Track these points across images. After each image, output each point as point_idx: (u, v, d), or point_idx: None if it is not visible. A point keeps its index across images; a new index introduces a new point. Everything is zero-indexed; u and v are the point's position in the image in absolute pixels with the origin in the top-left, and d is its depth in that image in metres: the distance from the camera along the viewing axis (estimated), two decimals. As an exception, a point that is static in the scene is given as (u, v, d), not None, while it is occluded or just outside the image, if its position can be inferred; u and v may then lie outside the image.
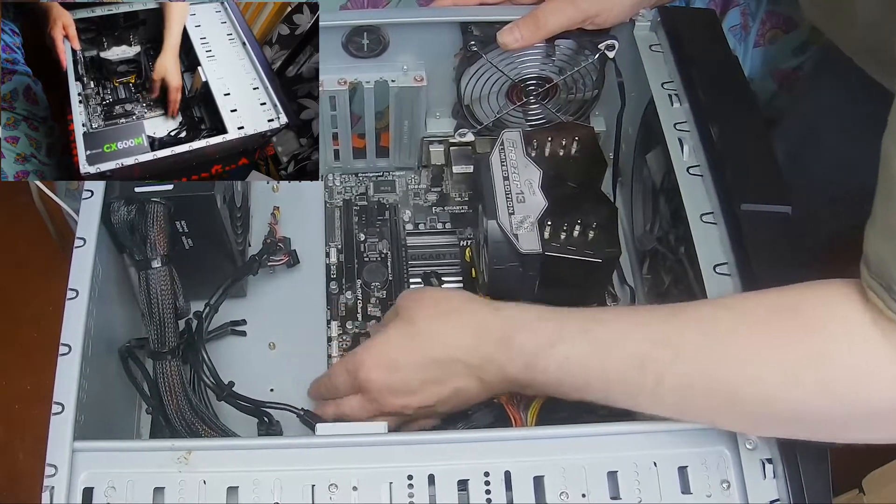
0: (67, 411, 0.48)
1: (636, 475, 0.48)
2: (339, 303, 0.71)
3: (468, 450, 0.48)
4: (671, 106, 0.63)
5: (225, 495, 0.47)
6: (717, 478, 0.48)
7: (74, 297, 0.52)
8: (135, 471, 0.47)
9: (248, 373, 0.65)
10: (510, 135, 0.66)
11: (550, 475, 0.48)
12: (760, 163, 0.59)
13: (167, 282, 0.58)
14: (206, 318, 0.62)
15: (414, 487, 0.47)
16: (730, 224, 0.55)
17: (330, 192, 0.78)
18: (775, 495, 0.47)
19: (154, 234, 0.58)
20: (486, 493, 0.47)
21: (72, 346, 0.50)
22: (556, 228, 0.60)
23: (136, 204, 0.58)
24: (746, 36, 1.27)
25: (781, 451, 0.48)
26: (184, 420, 0.57)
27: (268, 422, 0.59)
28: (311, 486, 0.47)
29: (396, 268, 0.72)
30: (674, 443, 0.49)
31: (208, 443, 0.53)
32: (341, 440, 0.49)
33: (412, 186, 0.79)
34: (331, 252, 0.74)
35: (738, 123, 0.61)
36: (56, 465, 0.47)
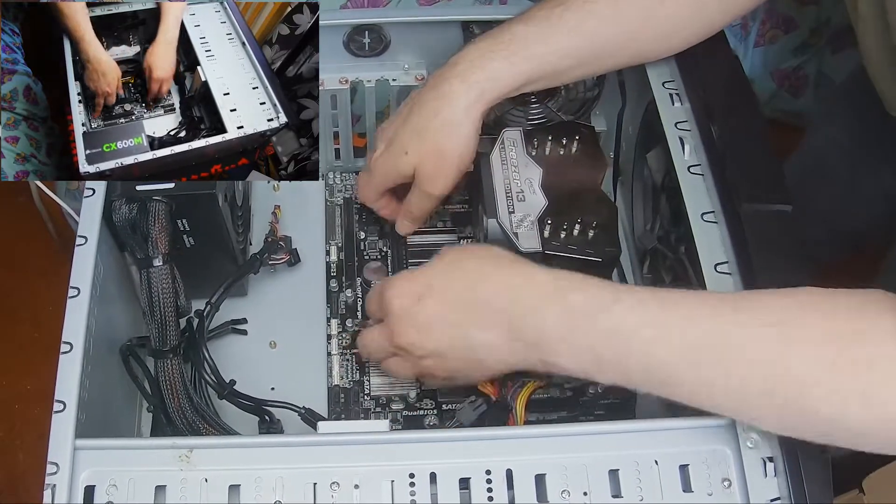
0: (69, 409, 0.48)
1: (637, 474, 0.48)
2: (339, 301, 0.71)
3: (470, 448, 0.48)
4: (672, 105, 0.63)
5: (226, 494, 0.47)
6: (718, 476, 0.48)
7: (76, 295, 0.52)
8: (136, 469, 0.47)
9: (250, 371, 0.66)
10: (511, 133, 0.66)
11: (552, 474, 0.48)
12: (761, 162, 0.59)
13: (168, 280, 0.58)
14: (207, 316, 0.62)
15: (416, 486, 0.47)
16: (731, 223, 0.55)
17: (331, 190, 0.78)
18: (776, 494, 0.47)
19: (155, 233, 0.58)
20: (487, 492, 0.47)
21: (73, 345, 0.50)
22: (556, 227, 0.60)
23: (137, 202, 0.58)
24: (746, 36, 1.27)
25: (783, 450, 0.48)
26: (185, 418, 0.57)
27: (269, 420, 0.59)
28: (312, 485, 0.47)
29: (396, 266, 0.72)
30: (675, 441, 0.49)
31: (210, 441, 0.53)
32: (343, 438, 0.49)
33: (412, 185, 0.79)
34: (331, 250, 0.74)
35: (738, 122, 0.61)
36: (57, 464, 0.47)
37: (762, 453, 0.48)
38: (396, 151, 0.61)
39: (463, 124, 0.59)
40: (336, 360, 0.68)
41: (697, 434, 0.49)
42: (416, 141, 0.59)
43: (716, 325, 0.46)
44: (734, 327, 0.46)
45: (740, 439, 0.48)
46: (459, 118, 0.58)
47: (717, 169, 0.58)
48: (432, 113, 0.59)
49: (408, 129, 0.60)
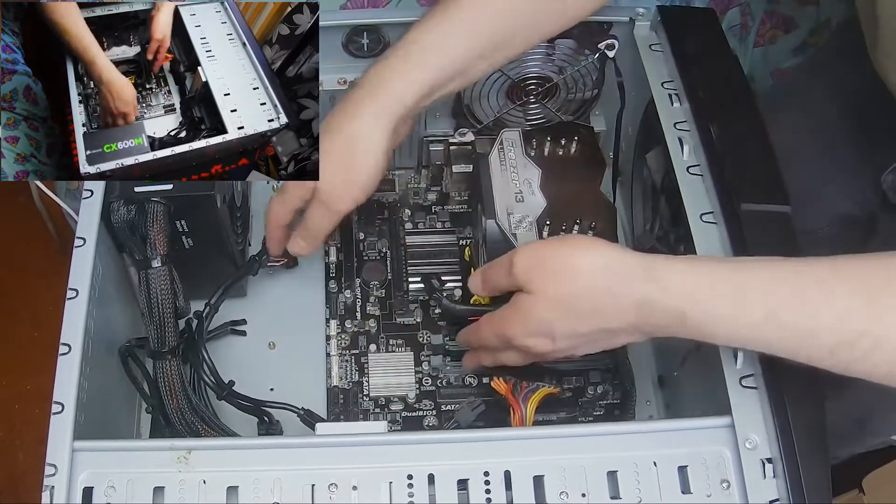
0: (67, 411, 0.48)
1: (636, 475, 0.48)
2: (338, 302, 0.71)
3: (468, 449, 0.48)
4: (671, 105, 0.63)
5: (225, 495, 0.47)
6: (716, 477, 0.48)
7: (74, 296, 0.53)
8: (135, 470, 0.47)
9: (249, 372, 0.66)
10: (510, 134, 0.66)
11: (550, 475, 0.48)
12: (760, 162, 0.59)
13: (167, 281, 0.58)
14: (206, 317, 0.62)
15: (414, 487, 0.47)
16: (730, 224, 0.55)
17: (330, 191, 0.78)
18: (775, 495, 0.47)
19: (154, 234, 0.58)
20: (485, 493, 0.47)
21: (72, 346, 0.50)
22: (556, 228, 0.60)
23: (136, 204, 0.58)
24: (746, 36, 1.27)
25: (781, 451, 0.48)
26: (184, 419, 0.57)
27: (268, 421, 0.59)
28: (310, 486, 0.47)
29: (395, 267, 0.72)
30: (674, 442, 0.49)
31: (208, 442, 0.53)
32: (341, 440, 0.49)
33: (412, 186, 0.79)
34: (330, 251, 0.74)
35: (738, 123, 0.61)
36: (56, 465, 0.47)
37: (761, 454, 0.48)
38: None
39: (370, 142, 0.58)
40: (335, 361, 0.68)
41: (696, 435, 0.49)
42: (324, 159, 0.59)
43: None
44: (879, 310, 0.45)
45: (739, 441, 0.48)
46: (366, 137, 0.58)
47: (717, 169, 0.58)
48: (339, 132, 0.58)
49: (319, 149, 0.60)
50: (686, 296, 0.48)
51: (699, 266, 0.49)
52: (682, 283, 0.48)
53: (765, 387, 0.50)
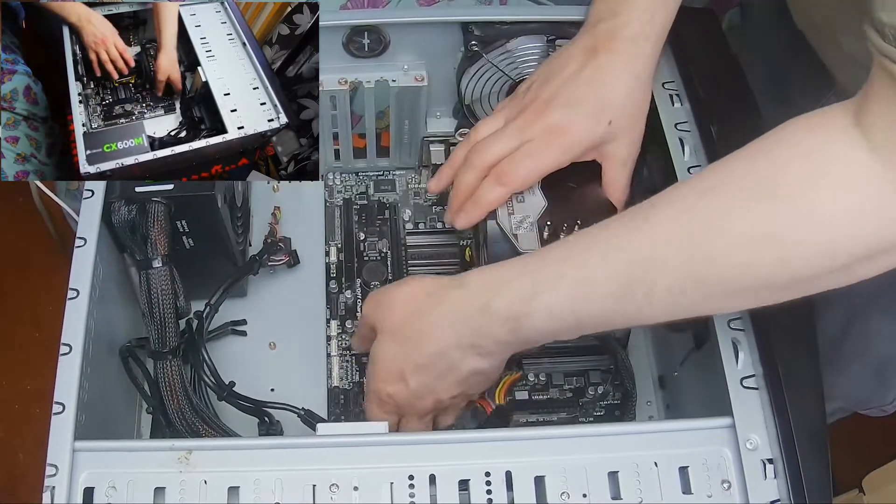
0: (68, 411, 0.48)
1: (637, 475, 0.48)
2: (338, 302, 0.71)
3: (469, 450, 0.48)
4: (672, 106, 0.63)
5: (226, 495, 0.47)
6: (717, 478, 0.48)
7: (75, 296, 0.52)
8: (135, 471, 0.47)
9: (249, 372, 0.66)
10: (510, 135, 0.66)
11: (551, 475, 0.48)
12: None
13: (168, 281, 0.58)
14: (206, 317, 0.62)
15: (415, 487, 0.47)
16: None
17: (330, 191, 0.78)
18: (776, 495, 0.47)
19: (155, 234, 0.58)
20: (487, 494, 0.47)
21: (72, 346, 0.50)
22: (556, 229, 0.60)
23: (136, 204, 0.58)
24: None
25: (783, 452, 0.48)
26: (184, 420, 0.57)
27: (268, 421, 0.59)
28: (312, 486, 0.47)
29: (396, 267, 0.72)
30: (674, 443, 0.49)
31: (209, 443, 0.53)
32: (342, 440, 0.49)
33: (412, 186, 0.79)
34: (331, 251, 0.74)
35: (738, 123, 0.61)
36: (57, 465, 0.47)
37: (762, 455, 0.48)
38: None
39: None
40: (336, 362, 0.68)
41: (697, 436, 0.49)
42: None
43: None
44: (661, 237, 0.47)
45: (740, 441, 0.48)
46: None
47: (717, 170, 0.58)
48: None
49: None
50: (485, 285, 0.51)
51: (505, 263, 0.52)
52: (480, 277, 0.52)
53: (766, 387, 0.50)
